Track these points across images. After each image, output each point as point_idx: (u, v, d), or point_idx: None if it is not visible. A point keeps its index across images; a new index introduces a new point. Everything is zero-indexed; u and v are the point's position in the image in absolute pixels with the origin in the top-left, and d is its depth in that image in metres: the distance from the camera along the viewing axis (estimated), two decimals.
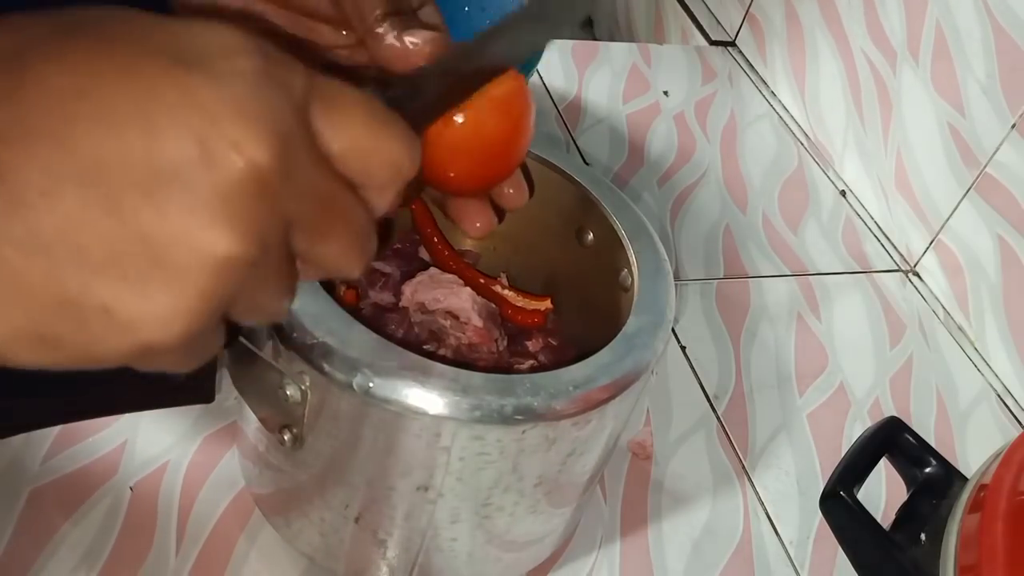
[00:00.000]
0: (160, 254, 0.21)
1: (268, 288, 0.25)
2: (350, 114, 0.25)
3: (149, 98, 0.21)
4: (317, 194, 0.24)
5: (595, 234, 0.49)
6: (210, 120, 0.22)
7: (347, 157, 0.25)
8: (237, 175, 0.22)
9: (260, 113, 0.22)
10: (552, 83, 0.91)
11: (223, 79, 0.22)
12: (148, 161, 0.21)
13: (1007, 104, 0.72)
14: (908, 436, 0.49)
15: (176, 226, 0.21)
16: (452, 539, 0.42)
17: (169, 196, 0.21)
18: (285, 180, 0.23)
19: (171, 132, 0.21)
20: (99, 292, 0.21)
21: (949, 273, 0.78)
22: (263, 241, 0.23)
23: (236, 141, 0.22)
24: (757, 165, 0.89)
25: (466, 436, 0.37)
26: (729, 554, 0.55)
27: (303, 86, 0.24)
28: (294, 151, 0.23)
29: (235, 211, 0.22)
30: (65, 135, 0.21)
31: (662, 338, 0.42)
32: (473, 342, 0.47)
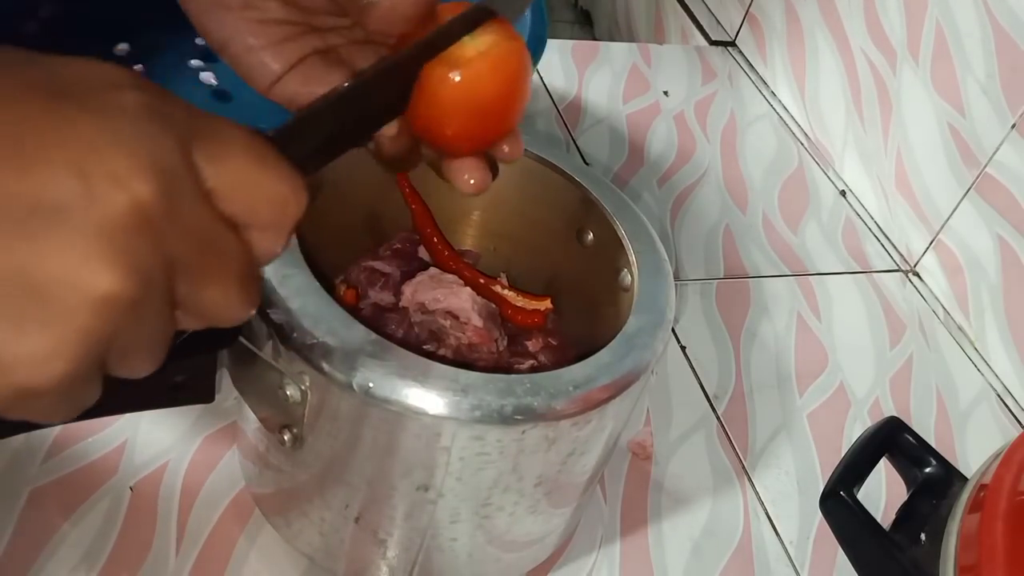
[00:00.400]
0: (38, 292, 0.21)
1: (144, 335, 0.23)
2: (232, 149, 0.24)
3: (25, 131, 0.21)
4: (199, 233, 0.24)
5: (595, 234, 0.49)
6: (91, 153, 0.21)
7: (230, 194, 0.24)
8: (119, 210, 0.21)
9: (142, 146, 0.22)
10: (552, 83, 0.91)
11: (104, 112, 0.22)
12: (24, 196, 0.20)
13: (1007, 104, 0.72)
14: (908, 436, 0.49)
15: (55, 263, 0.21)
16: (452, 539, 0.42)
17: (47, 231, 0.21)
18: (167, 217, 0.22)
19: (49, 166, 0.21)
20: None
21: (949, 273, 0.78)
22: (145, 280, 0.22)
23: (118, 175, 0.21)
24: (757, 165, 0.88)
25: (466, 436, 0.37)
26: (729, 554, 0.55)
27: (185, 121, 0.24)
28: (177, 186, 0.22)
29: (117, 247, 0.21)
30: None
31: (662, 338, 0.42)
32: (473, 342, 0.47)
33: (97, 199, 0.21)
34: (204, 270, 0.24)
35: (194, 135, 0.24)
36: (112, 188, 0.21)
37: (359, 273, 0.49)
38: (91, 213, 0.21)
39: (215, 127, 0.24)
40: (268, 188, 0.25)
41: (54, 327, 0.21)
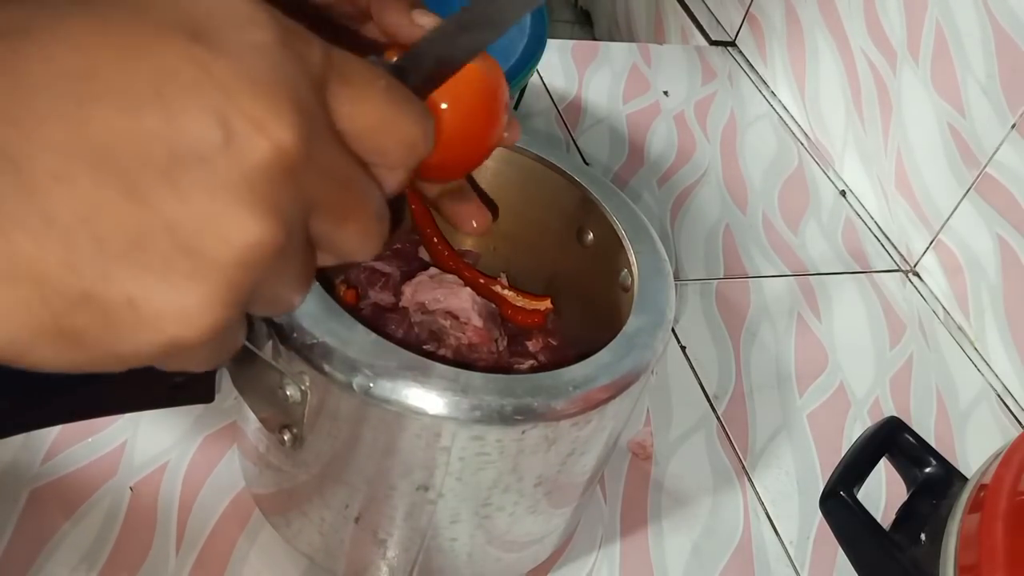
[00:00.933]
0: (185, 242, 0.20)
1: (288, 277, 0.23)
2: (368, 92, 0.24)
3: (164, 76, 0.20)
4: (337, 174, 0.23)
5: (595, 234, 0.49)
6: (230, 98, 0.20)
7: (364, 135, 0.24)
8: (262, 157, 0.21)
9: (281, 90, 0.21)
10: (552, 83, 0.91)
11: (240, 53, 0.21)
12: (167, 143, 0.20)
13: (1007, 104, 0.72)
14: (908, 436, 0.49)
15: (201, 212, 0.20)
16: (452, 539, 0.42)
17: (192, 180, 0.20)
18: (306, 161, 0.22)
19: (190, 112, 0.20)
20: (122, 283, 0.20)
21: (949, 273, 0.78)
22: (287, 225, 0.22)
23: (259, 120, 0.21)
24: (757, 165, 0.89)
25: (466, 436, 0.37)
26: (729, 554, 0.55)
27: (321, 60, 0.23)
28: (315, 129, 0.22)
29: (261, 195, 0.21)
30: (77, 116, 0.19)
31: (662, 338, 0.42)
32: (473, 342, 0.47)
33: (238, 146, 0.20)
34: (342, 210, 0.24)
35: (329, 75, 0.23)
36: (253, 134, 0.21)
37: (359, 273, 0.49)
38: (233, 161, 0.20)
39: (351, 67, 0.24)
40: (402, 130, 0.25)
41: (203, 277, 0.21)
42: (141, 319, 0.20)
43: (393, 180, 0.26)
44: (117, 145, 0.19)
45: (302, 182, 0.22)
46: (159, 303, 0.20)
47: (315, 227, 0.24)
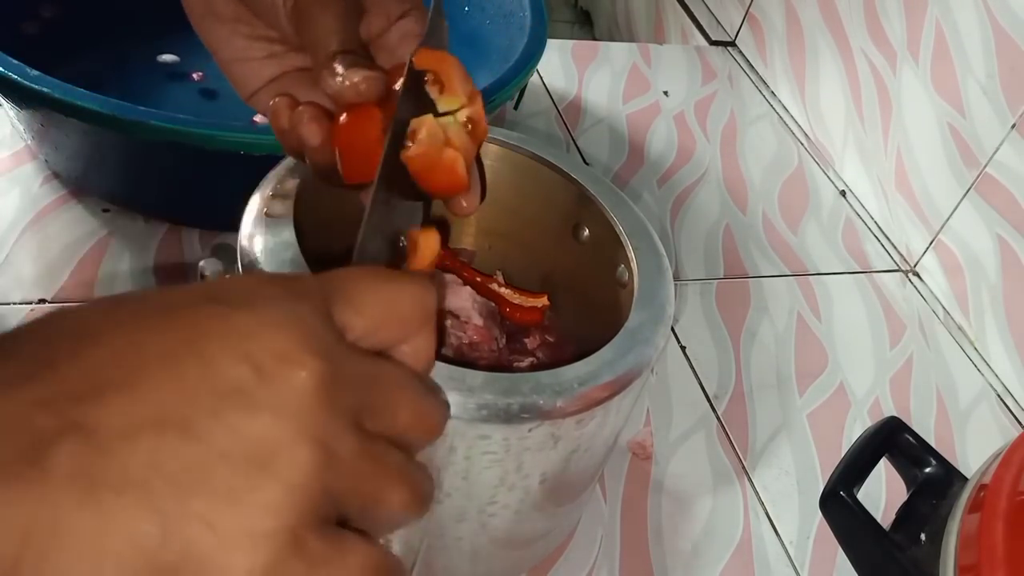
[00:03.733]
0: (241, 466, 0.23)
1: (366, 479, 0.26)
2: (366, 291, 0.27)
3: (195, 334, 0.24)
4: (367, 378, 0.26)
5: (591, 231, 0.49)
6: (252, 339, 0.24)
7: (381, 325, 0.27)
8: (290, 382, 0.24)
9: (293, 324, 0.25)
10: (552, 83, 0.91)
11: (255, 305, 0.25)
12: (208, 387, 0.23)
13: (1007, 104, 0.72)
14: (908, 436, 0.49)
15: (247, 439, 0.23)
16: (457, 538, 0.42)
17: (235, 413, 0.23)
18: (334, 377, 0.24)
19: (221, 357, 0.23)
20: (196, 509, 0.22)
21: (949, 273, 0.78)
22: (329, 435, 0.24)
23: (281, 353, 0.24)
24: (757, 165, 0.89)
25: (472, 436, 0.37)
26: (729, 554, 0.55)
27: (317, 290, 0.27)
28: (333, 349, 0.25)
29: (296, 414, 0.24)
30: (131, 383, 0.23)
31: (663, 333, 0.42)
32: (474, 341, 0.47)
33: (268, 377, 0.24)
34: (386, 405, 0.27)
35: (330, 297, 0.27)
36: (279, 365, 0.24)
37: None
38: (267, 390, 0.24)
39: (342, 283, 0.27)
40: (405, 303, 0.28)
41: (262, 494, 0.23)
42: (221, 542, 0.23)
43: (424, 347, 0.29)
44: (168, 398, 0.23)
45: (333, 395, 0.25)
46: (230, 524, 0.23)
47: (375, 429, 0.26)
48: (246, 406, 0.23)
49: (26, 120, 0.62)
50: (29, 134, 0.65)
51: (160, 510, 0.22)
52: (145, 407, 0.22)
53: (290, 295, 0.26)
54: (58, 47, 0.69)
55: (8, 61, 0.55)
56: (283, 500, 0.23)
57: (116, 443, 0.22)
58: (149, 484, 0.22)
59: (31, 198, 0.65)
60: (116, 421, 0.22)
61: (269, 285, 0.26)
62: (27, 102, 0.57)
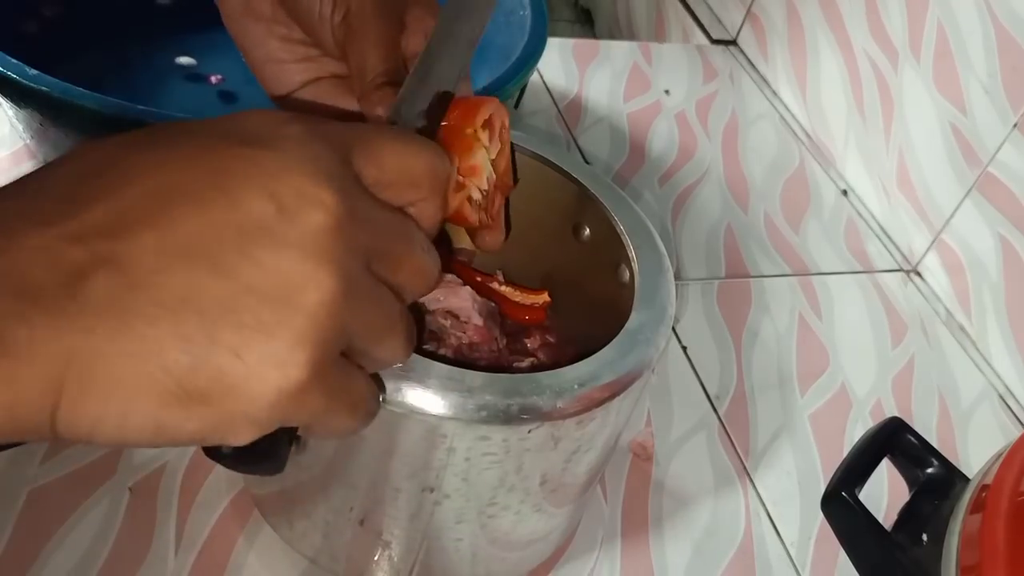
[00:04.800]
0: (267, 299, 0.24)
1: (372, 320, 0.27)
2: (381, 147, 0.29)
3: (222, 174, 0.25)
4: (379, 224, 0.28)
5: (591, 230, 0.48)
6: (276, 179, 0.25)
7: (393, 181, 0.29)
8: (311, 219, 0.25)
9: (314, 165, 0.26)
10: (552, 82, 0.91)
11: (278, 146, 0.26)
12: (234, 224, 0.24)
13: (1009, 103, 0.71)
14: (910, 436, 0.49)
15: (272, 271, 0.24)
16: (457, 539, 0.42)
17: (260, 248, 0.25)
18: (349, 216, 0.26)
19: (247, 196, 0.25)
20: (226, 341, 0.24)
21: (951, 273, 0.78)
22: (346, 270, 0.26)
23: (302, 191, 0.25)
24: (758, 164, 0.88)
25: (472, 437, 0.36)
26: (730, 555, 0.55)
27: (340, 135, 0.28)
28: (349, 190, 0.27)
29: (317, 249, 0.25)
30: (162, 221, 0.24)
31: (664, 334, 0.42)
32: (474, 341, 0.47)
33: (291, 214, 0.25)
34: (393, 254, 0.28)
35: (350, 145, 0.28)
36: (301, 203, 0.25)
37: None
38: (288, 226, 0.25)
39: (364, 134, 0.29)
40: (420, 163, 0.30)
41: (287, 323, 0.24)
42: (248, 369, 0.24)
43: (431, 213, 0.30)
44: (196, 235, 0.24)
45: (351, 233, 0.26)
46: (257, 352, 0.24)
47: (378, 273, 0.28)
48: (271, 242, 0.25)
49: (25, 119, 0.62)
50: (28, 133, 0.65)
51: (191, 339, 0.24)
52: (175, 243, 0.24)
53: (312, 136, 0.27)
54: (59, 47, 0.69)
55: (7, 60, 0.54)
56: (307, 330, 0.25)
57: (148, 276, 0.23)
58: (180, 315, 0.23)
59: None
60: (148, 256, 0.23)
61: (292, 124, 0.27)
62: (26, 101, 0.56)
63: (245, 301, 0.24)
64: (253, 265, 0.24)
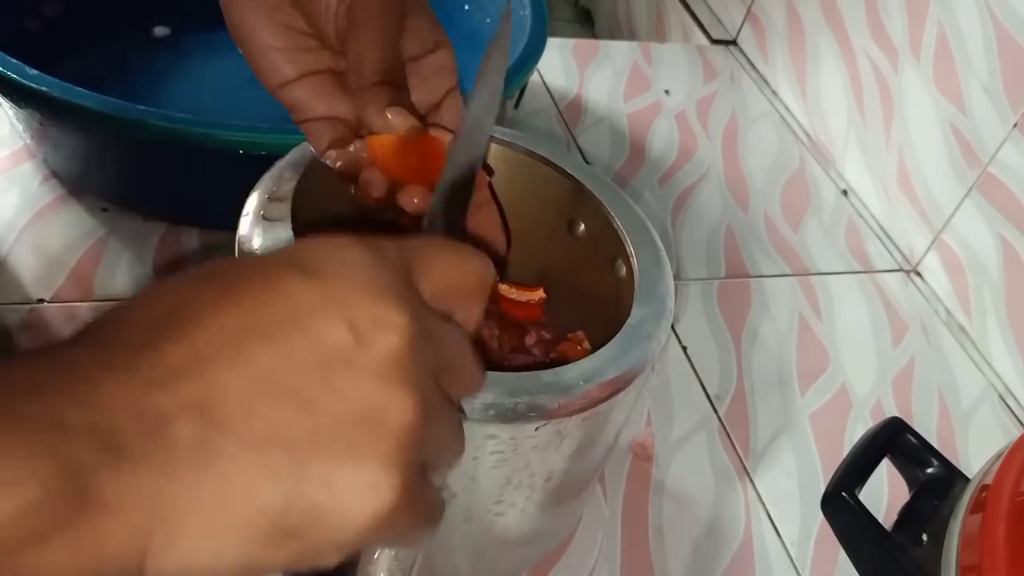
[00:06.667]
0: (354, 428, 0.24)
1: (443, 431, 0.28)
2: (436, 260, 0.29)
3: (295, 307, 0.25)
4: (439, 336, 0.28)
5: (587, 225, 0.49)
6: (349, 307, 0.25)
7: (444, 292, 0.29)
8: (388, 343, 0.25)
9: (385, 289, 0.26)
10: (552, 82, 0.91)
11: (342, 271, 0.26)
12: (314, 357, 0.24)
13: (1009, 103, 0.71)
14: (910, 436, 0.49)
15: (356, 401, 0.24)
16: (464, 537, 0.42)
17: (342, 379, 0.24)
18: (420, 335, 0.26)
19: (323, 326, 0.25)
20: (316, 475, 0.24)
21: (951, 273, 0.78)
22: (424, 390, 0.26)
23: (376, 316, 0.25)
24: (758, 164, 0.88)
25: (480, 435, 0.37)
26: (730, 555, 0.55)
27: (397, 256, 0.28)
28: (418, 310, 0.27)
29: (397, 373, 0.25)
30: (240, 360, 0.24)
31: (665, 328, 0.42)
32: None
33: (367, 341, 0.25)
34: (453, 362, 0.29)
35: (409, 262, 0.28)
36: (376, 329, 0.25)
37: None
38: (367, 354, 0.25)
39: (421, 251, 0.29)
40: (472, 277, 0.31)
41: (376, 450, 0.25)
42: (340, 499, 0.24)
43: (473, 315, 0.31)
44: (278, 371, 0.24)
45: (424, 352, 0.26)
46: (349, 481, 0.24)
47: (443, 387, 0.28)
48: (352, 370, 0.25)
49: (25, 119, 0.62)
50: (28, 133, 0.65)
51: (280, 475, 0.24)
52: (257, 380, 0.24)
53: (375, 259, 0.27)
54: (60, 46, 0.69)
55: (7, 60, 0.54)
56: (395, 453, 0.25)
57: (232, 416, 0.23)
58: (268, 452, 0.23)
59: (30, 197, 0.65)
60: (231, 396, 0.23)
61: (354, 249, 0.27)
62: (26, 101, 0.57)
63: (331, 430, 0.24)
64: (336, 394, 0.24)
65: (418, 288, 0.28)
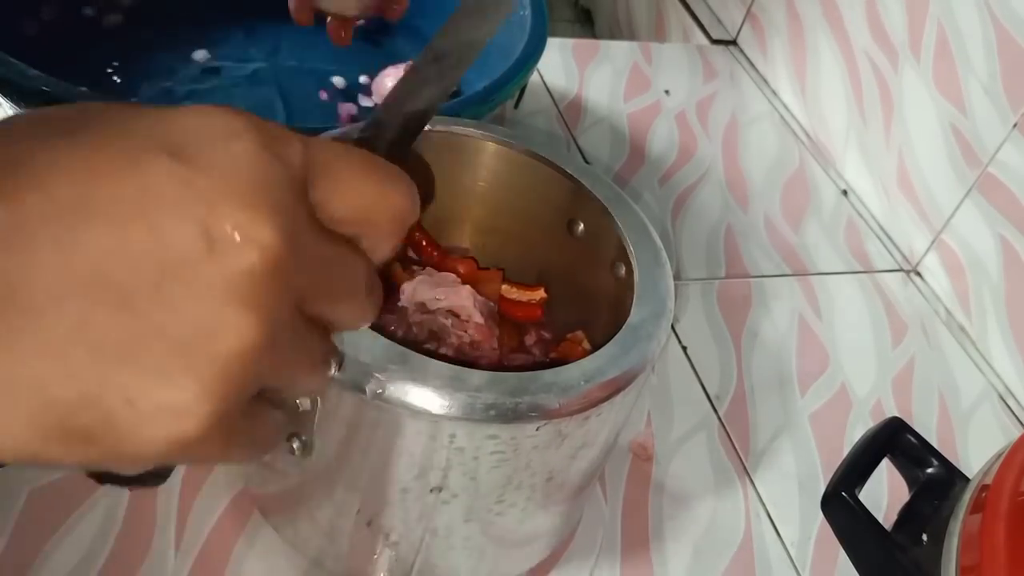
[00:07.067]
0: (177, 344, 0.22)
1: (294, 362, 0.25)
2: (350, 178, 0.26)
3: (148, 195, 0.22)
4: (323, 263, 0.25)
5: (586, 225, 0.49)
6: (211, 209, 0.22)
7: (351, 218, 0.26)
8: (244, 260, 0.22)
9: (261, 196, 0.23)
10: (552, 82, 0.91)
11: (220, 165, 0.22)
12: (154, 257, 0.21)
13: (1008, 103, 0.71)
14: (910, 436, 0.49)
15: (189, 315, 0.22)
16: (465, 537, 0.42)
17: (179, 287, 0.22)
18: (292, 255, 0.23)
19: (173, 226, 0.22)
20: (119, 384, 0.22)
21: (951, 273, 0.78)
22: (274, 318, 0.23)
23: (240, 226, 0.22)
24: (758, 164, 0.88)
25: (481, 436, 0.37)
26: (730, 555, 0.55)
27: (300, 158, 0.24)
28: (297, 227, 0.24)
29: (244, 295, 0.22)
30: (69, 240, 0.21)
31: (665, 327, 0.42)
32: (475, 340, 0.47)
33: (221, 253, 0.22)
34: (332, 293, 0.26)
35: (311, 170, 0.25)
36: (234, 240, 0.22)
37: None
38: (216, 267, 0.22)
39: (330, 155, 0.25)
40: (389, 205, 0.27)
41: (195, 375, 0.22)
42: (140, 416, 0.22)
43: (384, 247, 0.27)
44: (107, 263, 0.21)
45: (288, 277, 0.23)
46: (155, 400, 0.22)
47: (310, 311, 0.25)
48: (192, 280, 0.22)
49: None
50: None
51: (77, 375, 0.21)
52: (80, 268, 0.21)
53: (267, 156, 0.23)
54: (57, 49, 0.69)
55: (7, 60, 0.55)
56: (215, 382, 0.22)
57: (41, 301, 0.21)
58: (70, 347, 0.21)
59: None
60: (46, 274, 0.21)
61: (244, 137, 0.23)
62: (26, 101, 0.56)
63: (149, 343, 0.22)
64: (165, 303, 0.22)
65: (316, 201, 0.25)
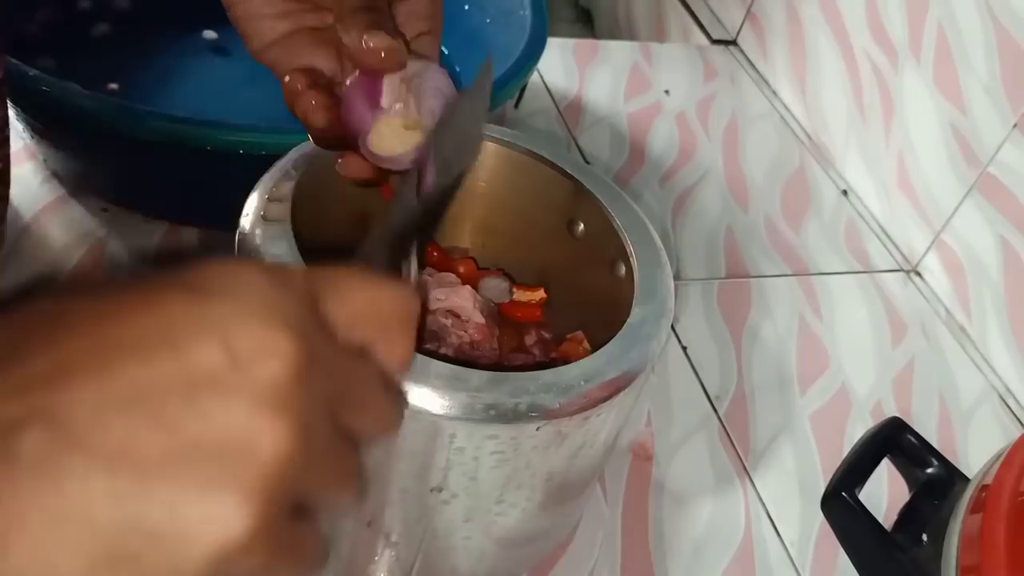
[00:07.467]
0: (214, 454, 0.23)
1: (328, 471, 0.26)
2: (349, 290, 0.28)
3: (170, 324, 0.23)
4: (341, 368, 0.26)
5: (586, 225, 0.49)
6: (229, 328, 0.24)
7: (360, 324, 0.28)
8: (267, 370, 0.23)
9: (274, 312, 0.24)
10: (552, 82, 0.91)
11: (231, 293, 0.24)
12: (181, 375, 0.23)
13: (1009, 103, 0.71)
14: (910, 436, 0.49)
15: (222, 425, 0.23)
16: (465, 538, 0.42)
17: (209, 400, 0.23)
18: (311, 363, 0.24)
19: (196, 347, 0.23)
20: (162, 501, 0.22)
21: (951, 273, 0.78)
22: (306, 423, 0.24)
23: (259, 340, 0.24)
24: (759, 164, 0.88)
25: (481, 436, 0.37)
26: (730, 555, 0.55)
27: (303, 281, 0.27)
28: (312, 336, 0.25)
29: (274, 402, 0.23)
30: (102, 371, 0.23)
31: (665, 327, 0.42)
32: (476, 340, 0.47)
33: (245, 366, 0.23)
34: (354, 397, 0.27)
35: (316, 290, 0.27)
36: (256, 352, 0.23)
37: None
38: (244, 377, 0.23)
39: (329, 276, 0.28)
40: (388, 307, 0.29)
41: (234, 483, 0.23)
42: (185, 530, 0.22)
43: (399, 348, 0.29)
44: (140, 388, 0.23)
45: (311, 382, 0.25)
46: (198, 511, 0.23)
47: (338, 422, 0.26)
48: (221, 393, 0.23)
49: (25, 119, 0.62)
50: (28, 133, 0.65)
51: (122, 496, 0.22)
52: (116, 395, 0.22)
53: (274, 283, 0.25)
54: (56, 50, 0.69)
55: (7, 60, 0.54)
56: (257, 486, 0.23)
57: (83, 430, 0.22)
58: (114, 470, 0.22)
59: (30, 197, 0.65)
60: (85, 408, 0.22)
61: (252, 272, 0.25)
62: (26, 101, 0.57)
63: (188, 455, 0.22)
64: (200, 416, 0.23)
65: (329, 315, 0.27)
